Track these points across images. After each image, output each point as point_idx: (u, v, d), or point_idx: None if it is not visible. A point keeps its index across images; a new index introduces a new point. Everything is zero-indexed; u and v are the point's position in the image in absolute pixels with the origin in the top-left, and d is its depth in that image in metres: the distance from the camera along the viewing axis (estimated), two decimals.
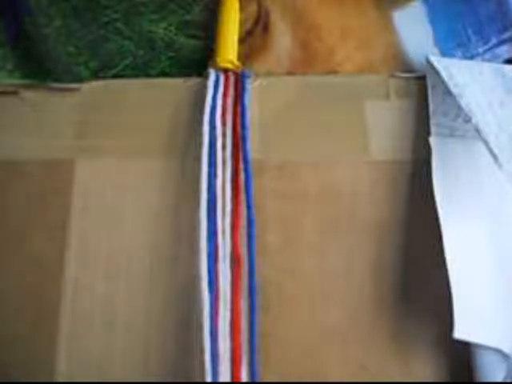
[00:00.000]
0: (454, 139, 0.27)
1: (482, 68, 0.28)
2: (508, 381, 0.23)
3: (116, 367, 0.25)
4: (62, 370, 0.25)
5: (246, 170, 0.26)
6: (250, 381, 0.23)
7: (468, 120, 0.26)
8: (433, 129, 0.27)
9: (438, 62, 0.28)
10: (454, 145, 0.27)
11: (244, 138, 0.27)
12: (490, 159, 0.25)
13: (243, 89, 0.28)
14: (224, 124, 0.27)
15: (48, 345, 0.25)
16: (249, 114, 0.27)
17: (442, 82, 0.27)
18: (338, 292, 0.26)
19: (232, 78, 0.28)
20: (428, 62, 0.28)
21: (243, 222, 0.25)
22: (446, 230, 0.25)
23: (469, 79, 0.27)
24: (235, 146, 0.27)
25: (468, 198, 0.26)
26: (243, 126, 0.27)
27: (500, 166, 0.25)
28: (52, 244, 0.27)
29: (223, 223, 0.25)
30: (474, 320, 0.23)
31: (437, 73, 0.27)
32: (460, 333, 0.23)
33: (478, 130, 0.25)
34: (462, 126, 0.27)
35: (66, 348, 0.25)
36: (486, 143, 0.25)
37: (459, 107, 0.26)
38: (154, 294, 0.26)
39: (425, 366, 0.25)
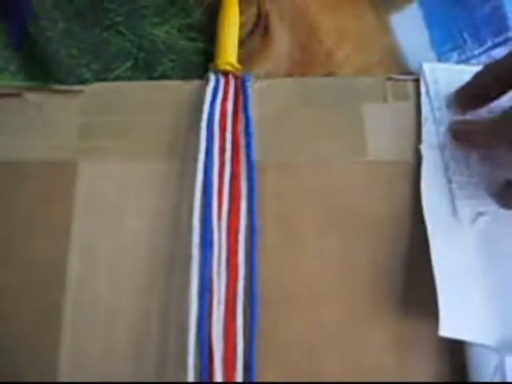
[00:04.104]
0: (442, 148, 0.28)
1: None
2: (498, 372, 0.23)
3: (117, 365, 0.25)
4: (65, 368, 0.25)
5: (249, 180, 0.27)
6: (246, 381, 0.24)
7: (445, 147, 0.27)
8: (423, 136, 0.28)
9: (430, 72, 0.29)
10: (442, 153, 0.27)
11: (248, 145, 0.27)
12: None
13: (245, 97, 0.28)
14: (223, 129, 0.27)
15: (51, 343, 0.26)
16: (252, 121, 0.28)
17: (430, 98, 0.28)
18: (337, 292, 0.26)
19: (232, 82, 0.29)
20: (421, 69, 0.29)
21: (241, 226, 0.26)
22: (432, 231, 0.25)
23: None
24: (235, 150, 0.27)
25: (453, 202, 0.26)
26: (247, 133, 0.27)
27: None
28: (55, 244, 0.27)
29: (219, 228, 0.25)
30: (459, 317, 0.24)
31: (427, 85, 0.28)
32: (446, 330, 0.23)
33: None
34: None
35: (68, 346, 0.26)
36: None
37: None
38: (155, 293, 0.26)
39: (424, 365, 0.25)
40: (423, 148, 0.27)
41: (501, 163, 0.26)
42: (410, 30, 0.32)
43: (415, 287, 0.26)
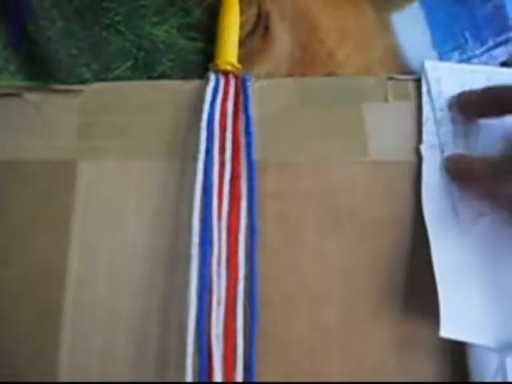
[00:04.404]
0: (442, 149, 0.27)
1: (475, 78, 0.28)
2: (500, 373, 0.23)
3: (117, 365, 0.25)
4: (65, 367, 0.25)
5: (250, 179, 0.26)
6: (246, 381, 0.24)
7: (443, 150, 0.27)
8: (424, 136, 0.28)
9: (432, 71, 0.28)
10: (442, 154, 0.27)
11: (249, 145, 0.27)
12: None
13: (246, 97, 0.28)
14: (223, 129, 0.27)
15: (51, 343, 0.26)
16: (253, 120, 0.28)
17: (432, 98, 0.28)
18: (337, 291, 0.26)
19: (232, 82, 0.29)
20: (423, 68, 0.29)
21: (241, 226, 0.26)
22: (432, 231, 0.25)
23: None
24: (236, 150, 0.27)
25: (455, 203, 0.26)
26: (247, 133, 0.27)
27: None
28: (54, 243, 0.27)
29: (219, 228, 0.25)
30: (460, 318, 0.24)
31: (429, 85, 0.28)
32: (447, 331, 0.23)
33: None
34: (450, 140, 0.28)
35: (68, 346, 0.26)
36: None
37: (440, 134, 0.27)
38: (155, 293, 0.26)
39: (425, 365, 0.25)
40: (423, 148, 0.27)
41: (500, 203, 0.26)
42: (411, 29, 0.32)
43: (416, 287, 0.26)
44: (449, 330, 0.23)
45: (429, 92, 0.28)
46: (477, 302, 0.24)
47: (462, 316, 0.24)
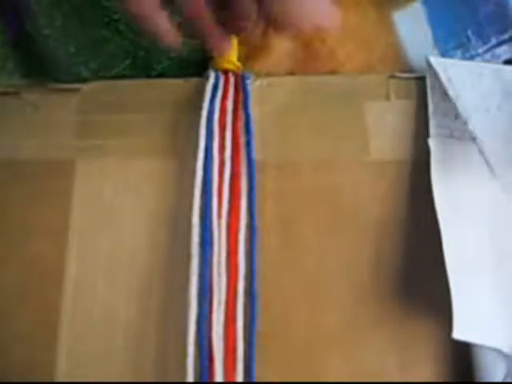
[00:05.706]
0: (453, 140, 0.27)
1: (481, 70, 0.28)
2: (508, 380, 0.23)
3: (116, 366, 0.25)
4: (63, 369, 0.25)
5: (250, 178, 0.26)
6: (246, 381, 0.23)
7: (466, 122, 0.27)
8: (432, 129, 0.27)
9: (438, 63, 0.28)
10: (453, 146, 0.27)
11: (248, 144, 0.27)
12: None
13: (245, 94, 0.28)
14: (223, 127, 0.27)
15: (49, 344, 0.25)
16: (252, 119, 0.27)
17: (441, 83, 0.27)
18: (337, 292, 0.26)
19: (232, 80, 0.29)
20: (428, 62, 0.28)
21: (241, 225, 0.26)
22: (444, 231, 0.25)
23: (467, 81, 0.28)
24: (235, 148, 0.27)
25: (466, 198, 0.26)
26: (247, 131, 0.27)
27: (495, 176, 0.25)
28: (52, 244, 0.27)
29: (219, 227, 0.25)
30: (473, 320, 0.23)
31: (436, 73, 0.28)
32: (459, 333, 0.23)
33: (473, 137, 0.26)
34: (461, 127, 0.27)
35: (66, 347, 0.25)
36: (482, 152, 0.26)
37: (458, 108, 0.27)
38: (155, 293, 0.26)
39: (425, 365, 0.25)
40: (432, 141, 0.27)
41: None
42: (412, 27, 0.32)
43: (417, 288, 0.26)
44: (462, 331, 0.23)
45: (434, 85, 0.28)
46: (489, 304, 0.24)
47: (474, 318, 0.23)
